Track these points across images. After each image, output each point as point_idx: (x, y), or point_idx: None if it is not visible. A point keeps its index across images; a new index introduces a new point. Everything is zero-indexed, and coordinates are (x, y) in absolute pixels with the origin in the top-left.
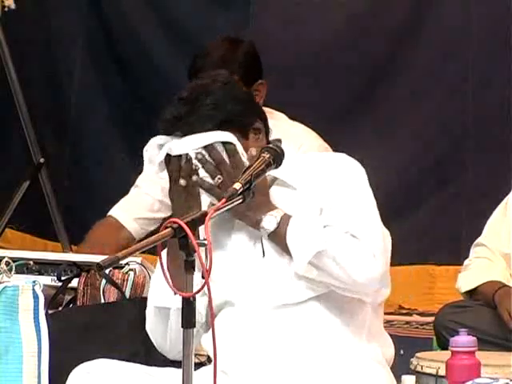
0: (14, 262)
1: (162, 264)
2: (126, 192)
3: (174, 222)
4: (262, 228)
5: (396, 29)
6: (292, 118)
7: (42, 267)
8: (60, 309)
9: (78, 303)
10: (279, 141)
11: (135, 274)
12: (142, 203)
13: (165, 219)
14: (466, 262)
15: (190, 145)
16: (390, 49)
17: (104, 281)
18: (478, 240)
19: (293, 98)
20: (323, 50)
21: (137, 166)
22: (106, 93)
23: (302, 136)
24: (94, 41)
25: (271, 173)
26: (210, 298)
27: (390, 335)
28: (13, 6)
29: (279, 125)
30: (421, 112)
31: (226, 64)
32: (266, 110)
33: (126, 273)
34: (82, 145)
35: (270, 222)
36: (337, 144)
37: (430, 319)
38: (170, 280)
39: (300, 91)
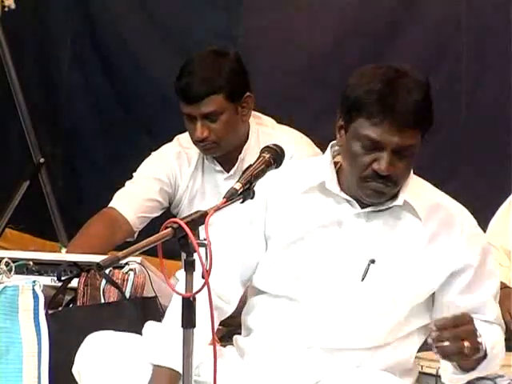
0: (13, 262)
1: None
2: (115, 190)
3: (174, 222)
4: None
5: (384, 27)
6: (280, 118)
7: (41, 267)
8: (60, 309)
9: (78, 303)
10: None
11: (135, 273)
12: (141, 200)
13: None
14: None
15: None
16: (378, 47)
17: (104, 281)
18: None
19: (281, 96)
20: (311, 49)
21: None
22: (93, 93)
23: (293, 145)
24: (81, 41)
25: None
26: (210, 298)
27: None
28: (13, 6)
29: (272, 133)
30: None
31: (212, 83)
32: (254, 114)
33: (126, 273)
34: (74, 145)
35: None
36: (323, 141)
37: None
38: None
39: (288, 89)
